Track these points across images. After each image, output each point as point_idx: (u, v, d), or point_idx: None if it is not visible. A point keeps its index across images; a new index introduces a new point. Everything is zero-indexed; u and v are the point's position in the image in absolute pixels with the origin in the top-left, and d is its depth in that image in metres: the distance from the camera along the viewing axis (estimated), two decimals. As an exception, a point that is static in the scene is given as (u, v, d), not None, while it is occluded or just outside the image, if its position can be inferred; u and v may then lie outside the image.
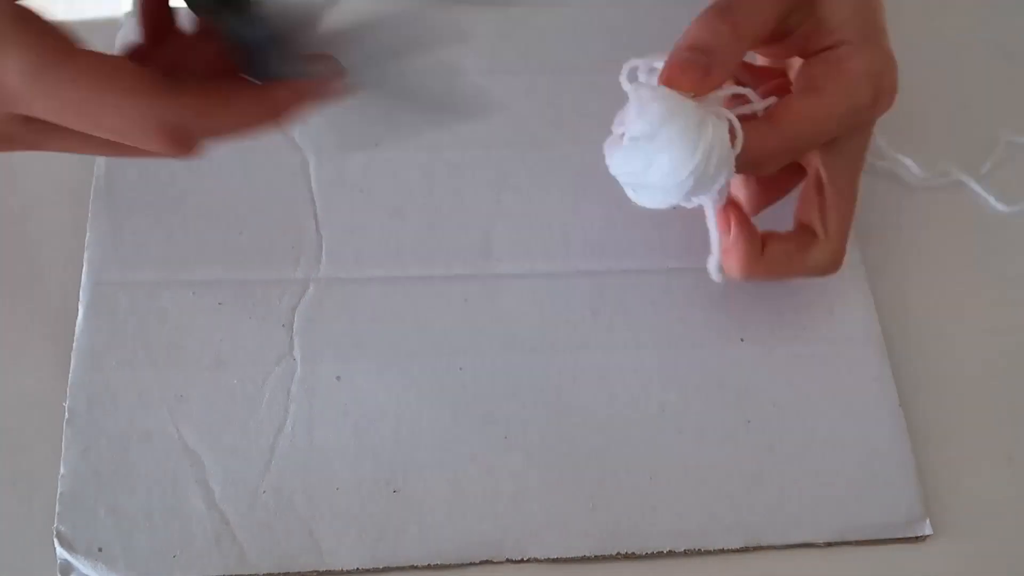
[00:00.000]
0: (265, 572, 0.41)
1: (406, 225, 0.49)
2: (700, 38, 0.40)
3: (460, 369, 0.45)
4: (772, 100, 0.42)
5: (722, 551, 0.42)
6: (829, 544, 0.43)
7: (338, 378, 0.45)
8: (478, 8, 0.55)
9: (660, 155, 0.39)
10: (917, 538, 0.43)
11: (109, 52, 0.34)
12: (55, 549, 0.41)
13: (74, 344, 0.45)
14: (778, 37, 0.43)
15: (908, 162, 0.51)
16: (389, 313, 0.46)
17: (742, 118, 0.40)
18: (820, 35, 0.43)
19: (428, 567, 0.42)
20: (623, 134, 0.40)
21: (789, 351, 0.46)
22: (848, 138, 0.43)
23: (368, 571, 0.42)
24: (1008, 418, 0.46)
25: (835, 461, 0.44)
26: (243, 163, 0.50)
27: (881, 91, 0.42)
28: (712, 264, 0.43)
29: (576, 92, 0.52)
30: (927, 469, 0.44)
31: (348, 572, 0.42)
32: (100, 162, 0.49)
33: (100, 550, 0.41)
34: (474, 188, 0.50)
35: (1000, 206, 0.50)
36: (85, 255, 0.47)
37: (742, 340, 0.46)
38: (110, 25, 0.54)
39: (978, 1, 0.57)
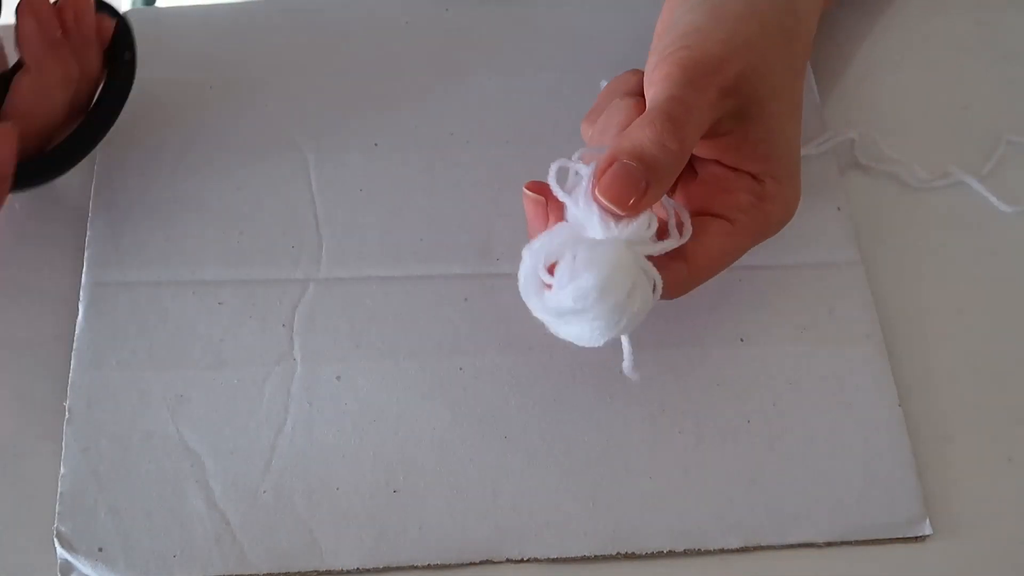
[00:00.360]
0: (265, 572, 0.41)
1: (406, 225, 0.49)
2: (645, 150, 0.37)
3: (460, 369, 0.45)
4: (688, 234, 0.40)
5: (722, 551, 0.42)
6: (829, 544, 0.43)
7: (338, 378, 0.45)
8: (478, 8, 0.55)
9: (583, 325, 0.39)
10: (917, 538, 0.43)
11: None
12: (55, 549, 0.41)
13: (74, 344, 0.45)
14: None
15: (909, 165, 0.51)
16: (389, 313, 0.46)
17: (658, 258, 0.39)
18: (748, 156, 0.42)
19: (428, 567, 0.42)
20: (547, 284, 0.39)
21: (789, 351, 0.46)
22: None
23: (368, 571, 0.42)
24: (1008, 418, 0.46)
25: (835, 461, 0.44)
26: (243, 163, 0.50)
27: (784, 224, 0.43)
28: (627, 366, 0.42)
29: (575, 91, 0.52)
30: (927, 469, 0.44)
31: (348, 572, 0.42)
32: (99, 161, 0.49)
33: (100, 550, 0.41)
34: (474, 187, 0.50)
35: (1003, 206, 0.50)
36: (85, 255, 0.47)
37: (742, 340, 0.46)
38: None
39: (978, 1, 0.57)
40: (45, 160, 0.46)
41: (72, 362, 0.45)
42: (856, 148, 0.50)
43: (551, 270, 0.39)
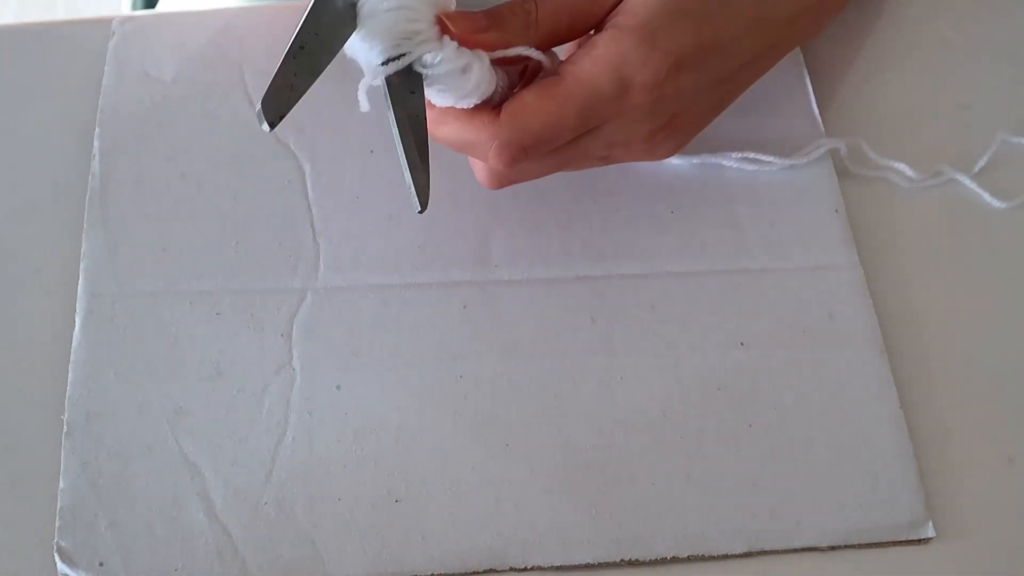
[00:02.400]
0: (268, 584, 0.41)
1: (403, 232, 0.48)
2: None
3: (460, 377, 0.45)
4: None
5: (725, 556, 0.42)
6: (832, 548, 0.43)
7: (338, 387, 0.45)
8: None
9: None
10: (920, 540, 0.43)
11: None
12: (56, 564, 0.41)
13: (71, 357, 0.45)
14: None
15: (900, 167, 0.51)
16: (388, 321, 0.46)
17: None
18: (604, 8, 0.41)
19: (431, 576, 0.42)
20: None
21: (789, 354, 0.46)
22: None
23: (371, 582, 0.42)
24: (1009, 418, 0.46)
25: (837, 464, 0.44)
26: (239, 172, 0.50)
27: (630, 86, 0.40)
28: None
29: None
30: (929, 471, 0.44)
31: (351, 583, 0.42)
32: (96, 172, 0.49)
33: (101, 564, 0.41)
34: (471, 194, 0.50)
35: (995, 202, 0.50)
36: (81, 267, 0.47)
37: (742, 344, 0.46)
38: (108, 24, 0.53)
39: (969, 1, 0.57)
40: None
41: (70, 375, 0.44)
42: (845, 158, 0.50)
43: None
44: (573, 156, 0.43)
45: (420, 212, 0.38)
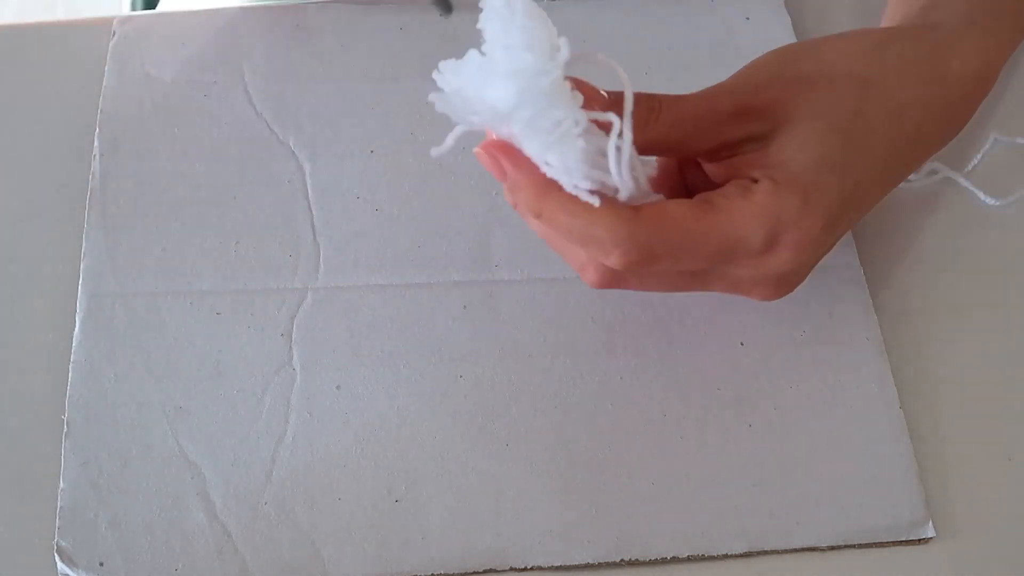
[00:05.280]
0: (268, 584, 0.41)
1: (403, 232, 0.49)
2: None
3: (460, 377, 0.45)
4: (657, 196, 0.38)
5: (725, 556, 0.42)
6: (832, 548, 0.43)
7: (338, 387, 0.45)
8: (474, 13, 0.55)
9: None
10: (920, 540, 0.43)
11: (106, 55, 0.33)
12: (56, 564, 0.41)
13: (72, 357, 0.45)
14: (718, 155, 0.40)
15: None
16: (388, 321, 0.46)
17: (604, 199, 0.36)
18: (754, 163, 0.39)
19: (431, 576, 0.42)
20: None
21: (789, 354, 0.46)
22: None
23: (371, 581, 0.42)
24: (1008, 418, 0.46)
25: (837, 464, 0.44)
26: (239, 172, 0.50)
27: (777, 242, 0.38)
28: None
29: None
30: (928, 471, 0.44)
31: (351, 583, 0.42)
32: (96, 172, 0.49)
33: (101, 564, 0.41)
34: (471, 194, 0.50)
35: (989, 200, 0.50)
36: (81, 267, 0.47)
37: (742, 344, 0.46)
38: (108, 24, 0.54)
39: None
40: None
41: (70, 375, 0.44)
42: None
43: None
44: (692, 283, 0.42)
45: (445, 15, 0.36)
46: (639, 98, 0.37)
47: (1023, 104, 0.54)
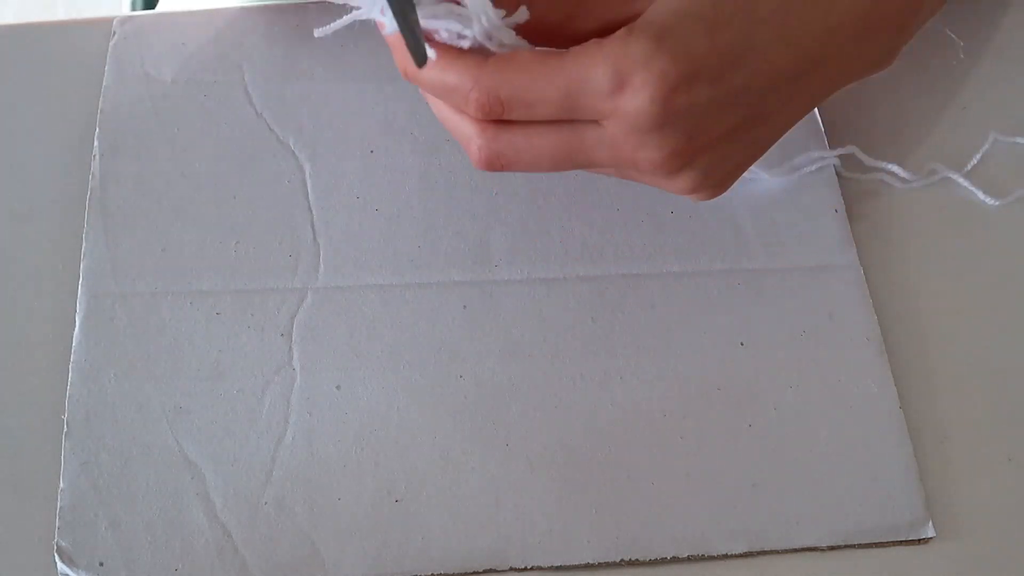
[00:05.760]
0: (268, 584, 0.41)
1: (403, 232, 0.49)
2: None
3: (460, 377, 0.45)
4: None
5: (725, 556, 0.42)
6: (832, 548, 0.43)
7: (338, 387, 0.45)
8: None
9: None
10: (920, 540, 0.43)
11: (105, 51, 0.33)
12: (56, 564, 0.41)
13: (71, 357, 0.45)
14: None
15: (892, 168, 0.51)
16: (388, 321, 0.46)
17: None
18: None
19: (431, 576, 0.42)
20: None
21: (789, 354, 0.46)
22: None
23: (371, 582, 0.42)
24: (1008, 418, 0.46)
25: (837, 464, 0.44)
26: (239, 172, 0.50)
27: (627, 82, 0.37)
28: None
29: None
30: (928, 471, 0.44)
31: (351, 583, 0.42)
32: (96, 172, 0.49)
33: (101, 564, 0.41)
34: (471, 194, 0.50)
35: (989, 199, 0.50)
36: (81, 267, 0.47)
37: (742, 344, 0.46)
38: (108, 24, 0.54)
39: (967, 1, 0.57)
40: None
41: (70, 375, 0.44)
42: (838, 168, 0.51)
43: None
44: (572, 146, 0.40)
45: (420, 66, 0.37)
46: None
47: (1023, 104, 0.54)
